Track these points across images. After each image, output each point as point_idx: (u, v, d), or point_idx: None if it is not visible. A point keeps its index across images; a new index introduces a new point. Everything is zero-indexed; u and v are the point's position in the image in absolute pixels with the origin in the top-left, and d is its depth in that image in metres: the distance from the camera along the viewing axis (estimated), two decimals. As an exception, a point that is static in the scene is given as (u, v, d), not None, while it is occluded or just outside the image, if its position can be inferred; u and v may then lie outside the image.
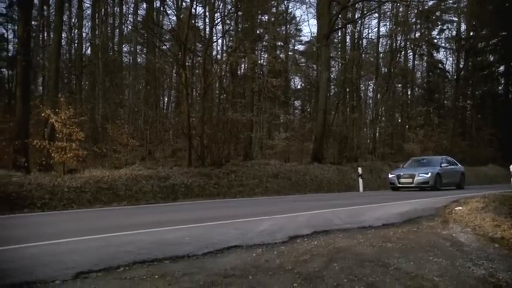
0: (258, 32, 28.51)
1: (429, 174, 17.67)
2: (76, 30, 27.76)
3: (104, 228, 6.80)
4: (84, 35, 28.56)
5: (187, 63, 20.29)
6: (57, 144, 13.72)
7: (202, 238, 5.79)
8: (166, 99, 34.52)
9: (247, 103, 24.45)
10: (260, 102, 25.88)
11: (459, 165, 20.36)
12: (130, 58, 33.67)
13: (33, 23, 20.60)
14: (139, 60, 33.77)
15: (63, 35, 22.36)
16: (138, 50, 33.58)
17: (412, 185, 17.75)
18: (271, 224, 7.17)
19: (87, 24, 29.17)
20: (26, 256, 4.74)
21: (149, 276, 3.95)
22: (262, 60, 30.73)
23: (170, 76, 30.79)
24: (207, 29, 27.08)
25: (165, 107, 33.54)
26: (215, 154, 18.19)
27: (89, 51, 29.37)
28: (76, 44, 28.10)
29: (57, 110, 13.91)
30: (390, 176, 18.78)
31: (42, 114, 14.49)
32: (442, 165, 18.67)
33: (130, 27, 30.91)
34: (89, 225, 7.83)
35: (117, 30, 31.64)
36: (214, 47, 27.32)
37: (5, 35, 33.46)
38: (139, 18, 29.56)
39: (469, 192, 14.38)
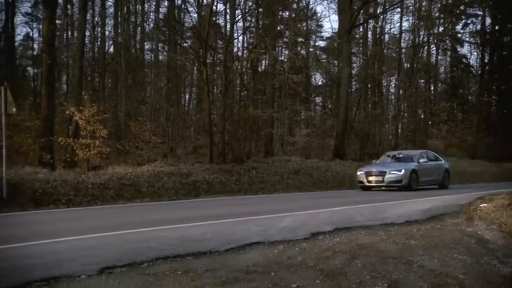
0: (278, 28, 28.46)
1: (402, 171, 15.18)
2: (99, 29, 28.25)
3: (127, 224, 6.91)
4: (107, 33, 29.06)
5: (208, 60, 20.37)
6: (81, 142, 13.96)
7: (224, 234, 5.82)
8: (187, 96, 34.69)
9: (268, 100, 24.45)
10: (281, 98, 25.81)
11: (442, 160, 18.01)
12: (152, 56, 33.97)
13: (57, 21, 20.87)
14: (161, 57, 34.05)
15: (86, 34, 22.76)
16: (159, 48, 33.87)
17: (383, 184, 15.48)
18: (293, 221, 7.17)
19: (109, 23, 29.63)
20: (53, 251, 4.84)
21: (172, 272, 4.00)
22: (283, 57, 30.60)
23: (191, 73, 31.00)
24: (228, 26, 27.22)
25: (186, 104, 33.71)
26: (236, 151, 18.24)
27: (111, 49, 29.88)
28: (99, 42, 28.60)
29: (81, 108, 14.17)
30: (358, 173, 16.19)
31: (67, 112, 14.78)
32: (420, 160, 16.18)
33: (152, 25, 31.34)
34: (113, 221, 7.94)
35: (139, 28, 32.07)
36: (235, 44, 27.47)
37: (30, 34, 34.30)
38: (161, 16, 29.89)
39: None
